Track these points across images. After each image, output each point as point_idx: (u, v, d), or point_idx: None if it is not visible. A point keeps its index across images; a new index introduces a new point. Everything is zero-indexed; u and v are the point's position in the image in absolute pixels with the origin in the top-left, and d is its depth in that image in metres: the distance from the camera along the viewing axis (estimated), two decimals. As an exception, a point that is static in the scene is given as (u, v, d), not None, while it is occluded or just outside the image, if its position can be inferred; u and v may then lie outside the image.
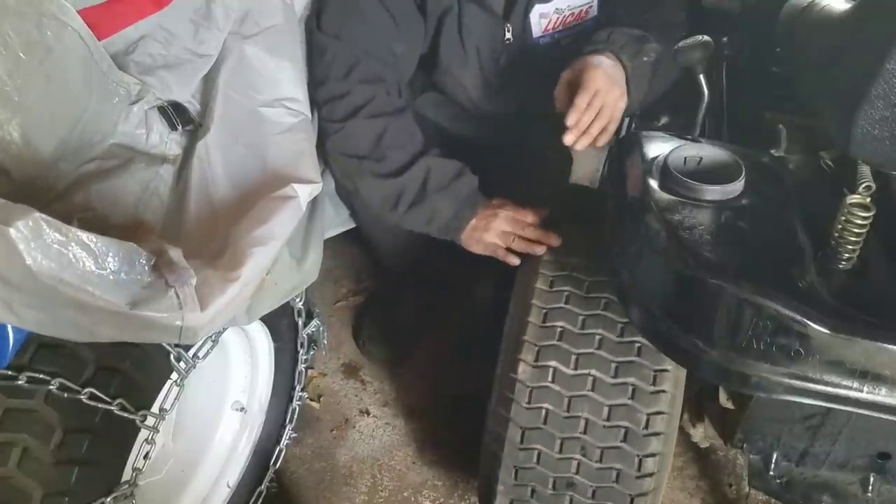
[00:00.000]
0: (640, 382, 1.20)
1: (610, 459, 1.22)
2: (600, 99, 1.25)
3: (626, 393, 1.21)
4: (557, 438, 1.23)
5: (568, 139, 1.26)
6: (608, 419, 1.21)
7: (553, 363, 1.23)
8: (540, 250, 1.34)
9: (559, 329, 1.24)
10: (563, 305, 1.26)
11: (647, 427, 1.20)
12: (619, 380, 1.21)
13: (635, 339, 1.22)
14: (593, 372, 1.22)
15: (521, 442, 1.25)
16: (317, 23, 1.36)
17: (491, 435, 1.31)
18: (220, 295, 0.96)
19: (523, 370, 1.24)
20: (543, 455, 1.24)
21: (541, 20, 1.46)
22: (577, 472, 1.24)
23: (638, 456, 1.21)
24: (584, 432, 1.22)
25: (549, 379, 1.23)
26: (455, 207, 1.39)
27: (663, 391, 1.20)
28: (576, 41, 1.46)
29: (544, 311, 1.26)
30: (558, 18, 1.47)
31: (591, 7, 1.48)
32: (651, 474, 1.21)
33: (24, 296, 0.84)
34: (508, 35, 1.47)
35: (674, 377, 1.21)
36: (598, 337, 1.23)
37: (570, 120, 1.24)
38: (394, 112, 1.40)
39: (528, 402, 1.23)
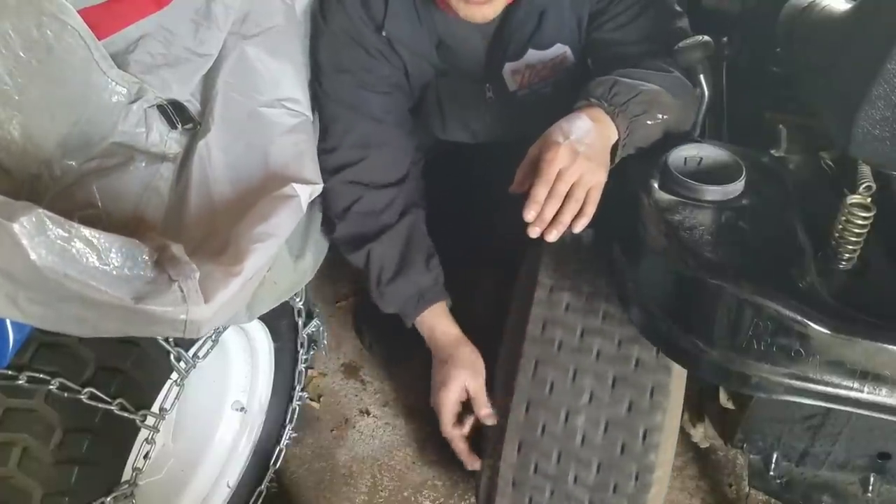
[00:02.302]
0: (638, 395, 1.19)
1: (606, 470, 1.21)
2: (565, 182, 1.07)
3: (623, 406, 1.19)
4: (555, 449, 1.22)
5: (532, 233, 1.09)
6: (605, 430, 1.20)
7: (551, 374, 1.21)
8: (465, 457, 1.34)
9: (557, 340, 1.22)
10: (561, 315, 1.23)
11: (644, 440, 1.18)
12: (617, 392, 1.19)
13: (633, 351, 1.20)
14: (591, 384, 1.20)
15: (519, 452, 1.24)
16: (317, 83, 1.36)
17: (489, 444, 1.30)
18: (223, 289, 0.97)
19: (519, 384, 1.22)
20: (540, 465, 1.23)
21: (513, 76, 1.44)
22: (574, 482, 1.23)
23: (635, 468, 1.20)
24: (582, 443, 1.21)
25: (547, 390, 1.21)
26: (396, 306, 1.41)
27: (661, 404, 1.18)
28: (556, 89, 1.43)
29: (543, 321, 1.24)
30: (531, 73, 1.43)
31: (566, 56, 1.42)
32: (648, 487, 1.20)
33: (28, 291, 0.84)
34: (490, 94, 1.46)
35: (672, 390, 1.20)
36: (596, 349, 1.21)
37: (528, 215, 1.08)
38: (375, 185, 1.39)
39: (525, 414, 1.22)
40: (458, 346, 1.41)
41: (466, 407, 1.39)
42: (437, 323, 1.42)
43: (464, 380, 1.37)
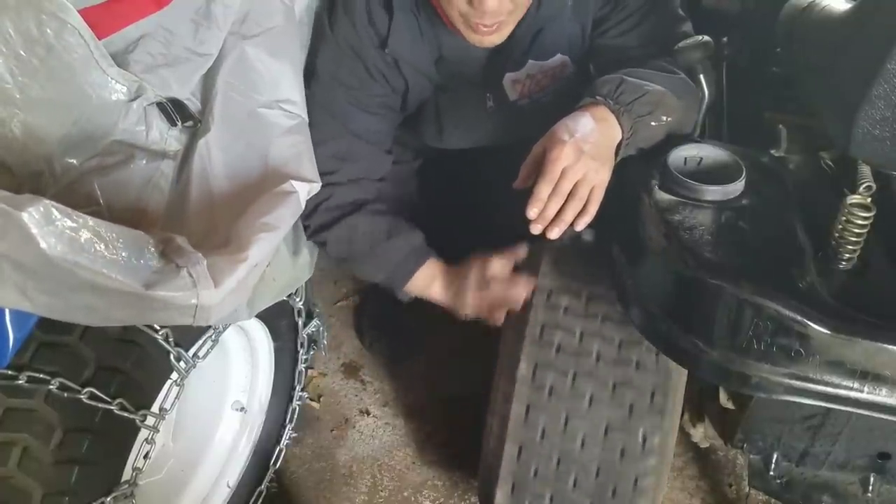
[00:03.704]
0: (638, 398, 1.18)
1: (606, 476, 1.21)
2: (568, 181, 1.07)
3: (623, 409, 1.19)
4: (554, 454, 1.22)
5: (535, 229, 1.10)
6: (605, 434, 1.19)
7: (550, 378, 1.21)
8: (517, 303, 1.27)
9: (556, 344, 1.22)
10: (560, 319, 1.23)
11: (643, 445, 1.18)
12: (617, 396, 1.19)
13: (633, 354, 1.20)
14: (590, 388, 1.20)
15: (518, 457, 1.24)
16: (308, 87, 1.34)
17: (489, 446, 1.30)
18: (231, 273, 0.97)
19: (519, 389, 1.22)
20: (540, 469, 1.23)
21: (514, 85, 1.43)
22: (574, 487, 1.23)
23: (634, 473, 1.19)
24: (581, 447, 1.20)
25: (546, 396, 1.21)
26: (386, 272, 1.38)
27: (660, 408, 1.18)
28: (556, 98, 1.42)
29: (541, 325, 1.23)
30: (531, 82, 1.43)
31: (566, 65, 1.41)
32: (647, 490, 1.20)
33: (38, 281, 0.84)
34: (491, 103, 1.46)
35: (672, 393, 1.20)
36: (595, 352, 1.20)
37: (531, 213, 1.09)
38: (348, 182, 1.37)
39: (525, 419, 1.22)
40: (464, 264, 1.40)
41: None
42: (436, 268, 1.40)
43: (476, 260, 1.36)
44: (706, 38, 1.25)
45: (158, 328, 1.11)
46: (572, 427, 1.20)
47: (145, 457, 1.18)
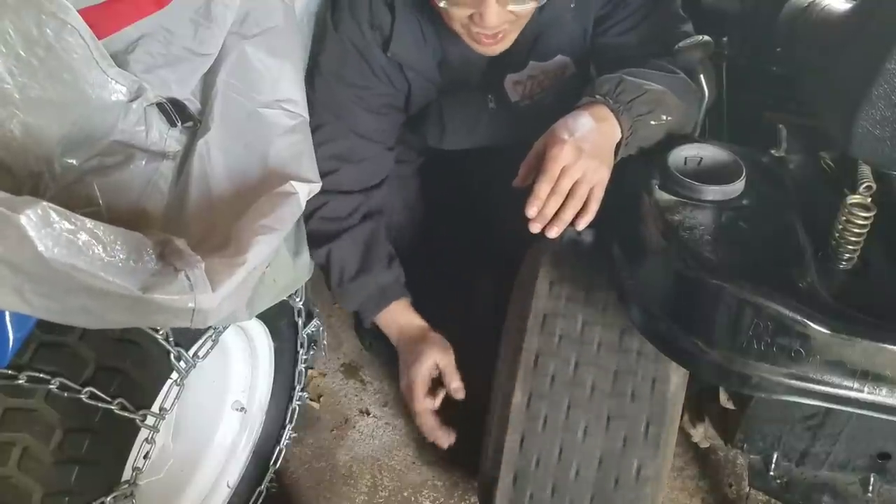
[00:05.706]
0: (633, 426, 1.19)
1: (608, 465, 1.21)
2: (568, 179, 1.07)
3: (625, 398, 1.19)
4: (557, 443, 1.22)
5: (534, 228, 1.10)
6: (600, 463, 1.20)
7: (552, 366, 1.21)
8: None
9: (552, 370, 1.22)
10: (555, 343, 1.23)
11: (638, 475, 1.19)
12: (618, 385, 1.19)
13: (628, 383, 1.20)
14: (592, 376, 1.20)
15: (521, 446, 1.24)
16: (311, 86, 1.34)
17: (487, 465, 1.30)
18: (228, 277, 0.97)
19: (515, 414, 1.22)
20: (542, 458, 1.23)
21: (515, 87, 1.44)
22: (575, 477, 1.22)
23: (636, 462, 1.20)
24: (583, 438, 1.21)
25: (541, 424, 1.21)
26: (356, 304, 1.43)
27: (657, 435, 1.19)
28: (557, 99, 1.42)
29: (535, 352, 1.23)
30: (533, 83, 1.43)
31: (567, 66, 1.42)
32: (647, 481, 1.20)
33: (34, 283, 0.84)
34: (492, 104, 1.46)
35: (674, 382, 1.20)
36: (591, 380, 1.20)
37: (530, 211, 1.08)
38: (342, 192, 1.39)
39: (521, 444, 1.22)
40: (426, 331, 1.43)
41: (435, 385, 1.43)
42: (401, 316, 1.44)
43: (435, 355, 1.39)
44: (706, 37, 1.25)
45: (158, 328, 1.11)
46: (567, 455, 1.21)
47: (145, 457, 1.18)
